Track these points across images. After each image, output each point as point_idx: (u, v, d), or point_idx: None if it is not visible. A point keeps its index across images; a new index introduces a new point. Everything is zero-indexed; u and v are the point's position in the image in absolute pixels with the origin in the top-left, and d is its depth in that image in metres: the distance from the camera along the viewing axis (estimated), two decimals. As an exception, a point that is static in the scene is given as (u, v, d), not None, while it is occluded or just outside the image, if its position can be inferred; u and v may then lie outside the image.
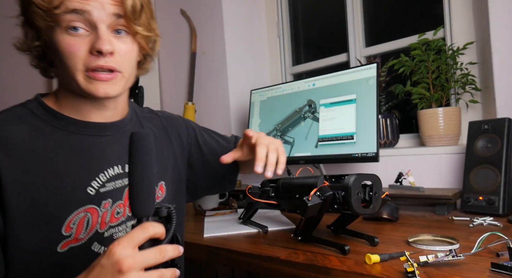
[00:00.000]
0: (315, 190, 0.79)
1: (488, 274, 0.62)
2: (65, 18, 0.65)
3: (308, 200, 0.77)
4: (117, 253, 0.50)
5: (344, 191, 0.76)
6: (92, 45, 0.66)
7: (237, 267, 0.89)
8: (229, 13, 1.97)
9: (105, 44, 0.65)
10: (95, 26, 0.66)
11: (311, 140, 1.40)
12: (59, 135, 0.71)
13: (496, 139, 1.09)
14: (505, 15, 1.22)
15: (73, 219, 0.69)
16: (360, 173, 0.79)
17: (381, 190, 0.80)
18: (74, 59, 0.66)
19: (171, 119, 0.98)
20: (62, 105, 0.74)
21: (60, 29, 0.66)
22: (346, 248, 0.78)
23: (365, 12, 1.82)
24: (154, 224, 0.53)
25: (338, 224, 0.93)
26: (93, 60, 0.66)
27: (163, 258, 0.52)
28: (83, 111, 0.74)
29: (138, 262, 0.50)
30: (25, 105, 0.72)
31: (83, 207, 0.70)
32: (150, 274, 0.51)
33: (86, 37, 0.66)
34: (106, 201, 0.74)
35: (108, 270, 0.50)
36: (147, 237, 0.52)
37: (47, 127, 0.71)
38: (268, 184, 1.01)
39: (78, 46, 0.66)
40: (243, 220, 1.14)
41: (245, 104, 1.95)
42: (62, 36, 0.66)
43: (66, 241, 0.69)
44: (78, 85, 0.68)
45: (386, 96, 1.70)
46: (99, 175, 0.73)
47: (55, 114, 0.72)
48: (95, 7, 0.65)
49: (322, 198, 0.78)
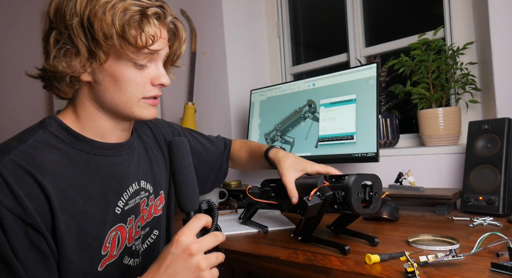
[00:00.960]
0: (315, 190, 0.78)
1: (488, 274, 0.62)
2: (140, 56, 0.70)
3: (308, 200, 0.76)
4: (184, 241, 0.60)
5: (344, 191, 0.76)
6: (155, 78, 0.74)
7: (237, 267, 0.89)
8: (229, 13, 1.97)
9: (168, 79, 0.76)
10: (156, 61, 0.74)
11: (311, 140, 1.40)
12: (84, 158, 0.72)
13: (496, 139, 1.09)
14: (505, 15, 1.22)
15: (108, 239, 0.73)
16: (360, 173, 0.79)
17: (381, 190, 0.79)
18: (138, 89, 0.72)
19: (157, 126, 1.00)
20: (84, 126, 0.74)
21: (127, 61, 0.70)
22: (346, 248, 0.78)
23: (365, 12, 1.82)
24: (204, 215, 0.64)
25: (338, 224, 0.93)
26: (152, 90, 0.75)
27: (218, 241, 0.63)
28: (106, 133, 0.77)
29: (202, 246, 0.61)
30: (46, 128, 0.71)
31: (114, 226, 0.74)
32: (211, 256, 0.62)
33: (147, 69, 0.73)
34: (130, 217, 0.77)
35: (180, 255, 0.60)
36: (202, 226, 0.63)
37: (72, 151, 0.71)
38: (268, 184, 1.00)
39: (144, 78, 0.73)
40: (243, 220, 1.14)
41: (245, 104, 1.95)
42: (126, 67, 0.70)
43: (104, 260, 0.72)
44: (132, 109, 0.74)
45: (386, 96, 1.70)
46: (123, 194, 0.77)
47: (78, 137, 0.73)
48: (161, 52, 0.74)
49: (322, 198, 0.78)
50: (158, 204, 0.88)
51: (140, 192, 0.82)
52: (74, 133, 0.72)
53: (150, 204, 0.85)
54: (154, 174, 0.88)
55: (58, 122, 0.72)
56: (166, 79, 0.75)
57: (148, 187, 0.85)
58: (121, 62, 0.70)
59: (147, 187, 0.84)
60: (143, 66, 0.72)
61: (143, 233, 0.83)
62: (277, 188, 0.96)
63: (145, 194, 0.84)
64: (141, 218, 0.82)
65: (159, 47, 0.71)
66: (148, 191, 0.84)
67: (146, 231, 0.84)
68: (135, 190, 0.80)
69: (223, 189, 1.51)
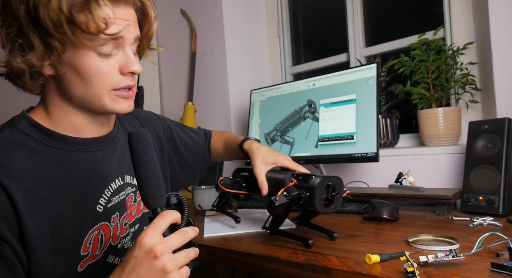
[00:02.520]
0: (282, 190, 0.84)
1: (488, 274, 0.62)
2: (98, 42, 0.63)
3: (275, 200, 0.82)
4: (147, 242, 0.54)
5: (309, 192, 0.82)
6: (124, 66, 0.67)
7: (237, 267, 0.89)
8: (229, 13, 1.97)
9: (138, 65, 0.68)
10: (123, 47, 0.67)
11: (311, 140, 1.40)
12: (58, 155, 0.68)
13: (496, 139, 1.09)
14: (505, 15, 1.22)
15: (89, 239, 0.70)
16: (324, 175, 0.85)
17: (343, 190, 0.86)
18: (103, 80, 0.65)
19: (147, 118, 0.98)
20: (56, 122, 0.70)
21: (87, 50, 0.63)
22: (310, 242, 0.84)
23: (365, 12, 1.82)
24: (171, 211, 0.58)
25: (303, 218, 0.99)
26: (122, 80, 0.68)
27: (187, 239, 0.58)
28: (81, 128, 0.71)
29: (168, 246, 0.55)
30: (14, 126, 0.67)
31: (96, 225, 0.71)
32: (180, 254, 0.57)
33: (114, 57, 0.66)
34: (114, 215, 0.74)
35: (144, 258, 0.55)
36: (168, 224, 0.57)
37: (43, 148, 0.67)
38: (239, 175, 1.05)
39: (109, 67, 0.65)
40: (217, 208, 1.15)
41: (245, 104, 1.95)
42: (89, 56, 0.63)
43: (84, 261, 0.69)
44: (102, 103, 0.67)
45: (386, 96, 1.70)
46: (104, 191, 0.73)
47: (49, 134, 0.68)
48: (127, 36, 0.66)
49: (289, 198, 0.83)
50: None
51: (126, 188, 0.78)
52: (45, 130, 0.68)
53: (139, 200, 0.82)
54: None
55: (27, 119, 0.68)
56: (136, 66, 0.68)
57: (134, 182, 0.81)
58: (81, 51, 0.63)
59: (133, 181, 0.81)
60: (108, 54, 0.65)
61: (133, 231, 0.80)
62: (248, 178, 1.01)
63: (132, 189, 0.81)
64: (129, 215, 0.79)
65: (117, 30, 0.63)
66: (135, 186, 0.81)
67: (135, 228, 0.81)
68: (119, 186, 0.76)
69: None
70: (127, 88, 0.69)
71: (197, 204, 1.44)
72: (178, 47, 2.17)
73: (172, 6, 2.18)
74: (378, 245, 0.84)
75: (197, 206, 1.44)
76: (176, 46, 2.18)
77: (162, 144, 0.98)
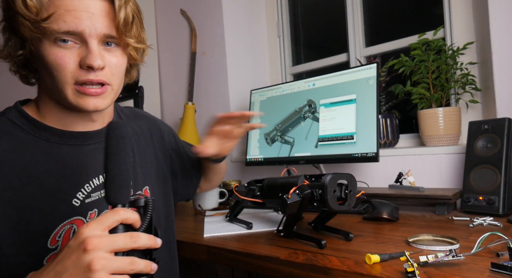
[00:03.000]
0: (294, 188, 0.83)
1: (488, 274, 0.62)
2: (53, 31, 0.61)
3: (287, 198, 0.81)
4: (84, 233, 0.48)
5: (321, 189, 0.81)
6: (83, 59, 0.64)
7: (237, 267, 0.89)
8: (229, 13, 1.97)
9: (97, 60, 0.63)
10: (85, 41, 0.64)
11: (311, 140, 1.40)
12: (42, 145, 0.69)
13: (496, 139, 1.09)
14: (505, 15, 1.22)
15: (59, 232, 0.68)
16: (336, 172, 0.83)
17: (356, 188, 0.85)
18: (63, 72, 0.64)
19: (155, 122, 0.97)
20: (44, 114, 0.71)
21: (49, 41, 0.63)
22: (323, 242, 0.83)
23: (365, 12, 1.82)
24: (127, 209, 0.52)
25: (318, 221, 0.98)
26: (83, 74, 0.64)
27: (134, 243, 0.50)
28: (67, 122, 0.71)
29: (104, 243, 0.48)
30: (4, 115, 0.69)
31: (69, 219, 0.69)
32: (119, 259, 0.49)
33: (76, 50, 0.64)
34: (92, 211, 0.72)
35: (74, 249, 0.48)
36: (118, 221, 0.51)
37: (29, 138, 0.68)
38: (254, 184, 1.05)
39: (68, 59, 0.63)
40: (230, 218, 1.15)
41: (245, 104, 1.95)
42: (50, 47, 0.63)
43: (52, 254, 0.67)
44: (67, 98, 0.66)
45: (386, 96, 1.70)
46: (84, 185, 0.72)
47: (37, 124, 0.69)
48: (86, 26, 0.63)
49: (301, 196, 0.83)
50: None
51: None
52: (32, 120, 0.69)
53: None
54: (135, 168, 0.82)
55: (18, 110, 0.70)
56: (95, 60, 0.63)
57: None
58: (44, 43, 0.63)
59: None
60: (69, 46, 0.63)
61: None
62: (262, 187, 1.00)
63: None
64: None
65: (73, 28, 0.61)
66: None
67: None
68: (102, 182, 0.73)
69: (223, 189, 1.51)
70: (96, 84, 0.66)
71: (197, 204, 1.44)
72: (178, 47, 2.17)
73: (172, 6, 2.18)
74: (378, 245, 0.84)
75: (197, 206, 1.44)
76: (176, 46, 2.18)
77: (166, 150, 0.97)
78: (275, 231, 0.99)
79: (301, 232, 0.92)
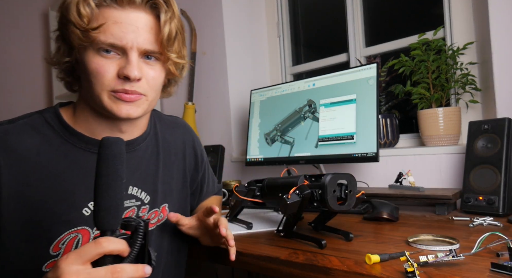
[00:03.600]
0: (294, 188, 0.83)
1: (488, 274, 0.62)
2: (100, 41, 0.65)
3: (287, 198, 0.81)
4: (61, 267, 0.46)
5: (321, 189, 0.81)
6: (121, 69, 0.67)
7: (237, 267, 0.89)
8: (229, 13, 1.97)
9: (134, 71, 0.66)
10: (126, 53, 0.67)
11: (311, 140, 1.40)
12: (68, 149, 0.71)
13: (496, 139, 1.09)
14: (505, 15, 1.22)
15: (63, 239, 0.68)
16: (336, 172, 0.83)
17: (356, 188, 0.84)
18: (101, 80, 0.67)
19: (194, 140, 0.98)
20: (77, 120, 0.74)
21: (93, 50, 0.67)
22: (323, 242, 0.82)
23: (365, 12, 1.82)
24: (111, 239, 0.48)
25: (318, 222, 0.98)
26: (119, 84, 0.67)
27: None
28: (96, 130, 0.73)
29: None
30: (42, 114, 0.73)
31: (75, 228, 0.69)
32: None
33: (116, 60, 0.67)
34: None
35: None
36: (100, 253, 0.47)
37: (57, 139, 0.71)
38: (254, 184, 1.05)
39: (107, 68, 0.67)
40: (230, 218, 1.15)
41: (245, 104, 1.95)
42: (93, 56, 0.67)
43: (52, 261, 0.67)
44: (102, 103, 0.68)
45: (386, 96, 1.70)
46: None
47: (68, 128, 0.72)
48: (129, 40, 0.66)
49: (301, 196, 0.82)
50: (153, 217, 0.81)
51: (127, 199, 0.76)
52: (65, 123, 0.72)
53: (141, 215, 0.78)
54: (156, 183, 0.82)
55: (56, 111, 0.73)
56: (131, 71, 0.66)
57: (141, 196, 0.79)
58: (88, 51, 0.67)
59: (139, 195, 0.79)
60: (110, 56, 0.67)
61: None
62: (262, 187, 1.00)
63: (135, 202, 0.78)
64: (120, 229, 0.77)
65: (117, 42, 0.65)
66: (140, 200, 0.79)
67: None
68: None
69: (223, 189, 1.51)
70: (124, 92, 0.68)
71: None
72: (178, 47, 2.17)
73: (172, 6, 2.18)
74: (378, 245, 0.84)
75: (197, 206, 1.44)
76: (176, 46, 2.18)
77: (198, 168, 0.98)
78: (275, 231, 1.00)
79: (301, 232, 0.92)
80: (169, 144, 0.89)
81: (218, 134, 1.98)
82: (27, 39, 2.89)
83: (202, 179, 1.02)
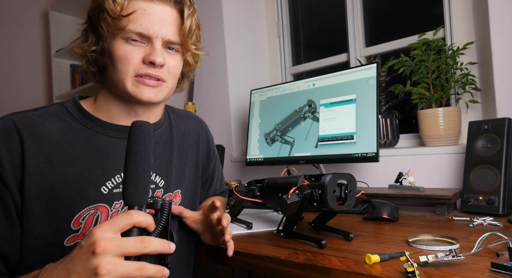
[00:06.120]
0: (294, 188, 0.83)
1: (488, 274, 0.62)
2: (129, 30, 0.72)
3: (287, 198, 0.81)
4: (95, 234, 0.48)
5: (321, 189, 0.81)
6: (147, 56, 0.74)
7: (237, 267, 0.89)
8: (229, 13, 1.97)
9: (159, 57, 0.73)
10: (152, 42, 0.74)
11: (311, 140, 1.40)
12: (86, 133, 0.76)
13: (496, 139, 1.09)
14: (505, 15, 1.22)
15: (83, 215, 0.72)
16: (336, 172, 0.83)
17: (356, 188, 0.84)
18: (127, 65, 0.73)
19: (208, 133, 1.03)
20: (98, 107, 0.80)
21: (121, 38, 0.73)
22: (323, 242, 0.82)
23: (365, 12, 1.82)
24: (140, 212, 0.51)
25: (318, 221, 0.98)
26: (144, 68, 0.74)
27: (145, 249, 0.49)
28: (115, 116, 0.79)
29: (114, 247, 0.48)
30: (63, 104, 0.79)
31: (94, 204, 0.73)
32: (127, 264, 0.48)
33: (142, 48, 0.74)
34: (118, 202, 0.76)
35: (84, 250, 0.49)
36: (131, 224, 0.50)
37: (77, 125, 0.76)
38: (254, 184, 1.05)
39: (134, 54, 0.73)
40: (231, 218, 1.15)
41: (245, 104, 1.95)
42: (121, 44, 0.73)
43: (73, 236, 0.71)
44: (125, 88, 0.74)
45: (386, 96, 1.70)
46: (115, 176, 0.76)
47: (86, 115, 0.78)
48: (156, 31, 0.74)
49: (301, 196, 0.83)
50: None
51: None
52: (83, 111, 0.78)
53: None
54: (170, 169, 0.87)
55: (75, 101, 0.79)
56: (156, 57, 0.73)
57: (156, 179, 0.84)
58: (115, 40, 0.74)
59: (154, 179, 0.83)
60: (136, 45, 0.74)
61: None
62: (262, 187, 1.00)
63: (150, 185, 0.81)
64: None
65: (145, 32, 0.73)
66: (155, 183, 0.83)
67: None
68: None
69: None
70: (154, 78, 0.75)
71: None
72: (178, 47, 2.17)
73: (172, 6, 2.18)
74: (378, 245, 0.84)
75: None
76: (176, 46, 2.18)
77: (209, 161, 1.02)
78: (275, 231, 1.00)
79: (301, 232, 0.92)
80: (183, 133, 0.94)
81: (218, 134, 1.98)
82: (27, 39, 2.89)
83: (212, 171, 1.06)
